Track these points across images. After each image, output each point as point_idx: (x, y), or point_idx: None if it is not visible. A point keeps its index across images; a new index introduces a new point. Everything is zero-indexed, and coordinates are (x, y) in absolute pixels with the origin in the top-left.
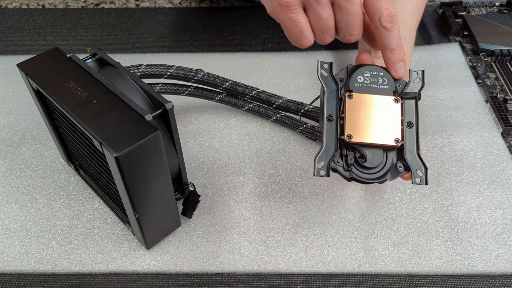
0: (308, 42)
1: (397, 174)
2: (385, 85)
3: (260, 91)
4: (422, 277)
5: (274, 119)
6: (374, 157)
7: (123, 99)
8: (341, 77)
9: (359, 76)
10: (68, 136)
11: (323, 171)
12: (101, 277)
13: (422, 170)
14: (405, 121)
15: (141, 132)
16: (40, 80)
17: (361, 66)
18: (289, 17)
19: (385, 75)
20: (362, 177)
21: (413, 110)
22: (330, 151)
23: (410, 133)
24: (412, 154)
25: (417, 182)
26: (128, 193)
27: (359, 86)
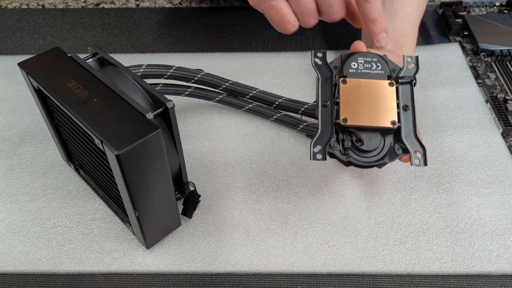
0: (293, 27)
1: (395, 156)
2: (379, 70)
3: (259, 91)
4: (422, 277)
5: (274, 119)
6: (371, 140)
7: (124, 98)
8: (335, 65)
9: (353, 63)
10: (68, 136)
11: (319, 155)
12: (101, 277)
13: (421, 151)
14: (401, 104)
15: (142, 130)
16: (41, 79)
17: (355, 53)
18: (270, 5)
19: (379, 61)
20: (360, 160)
21: (409, 93)
22: (326, 135)
23: (407, 116)
24: (410, 136)
25: (416, 163)
26: (129, 192)
27: (353, 72)
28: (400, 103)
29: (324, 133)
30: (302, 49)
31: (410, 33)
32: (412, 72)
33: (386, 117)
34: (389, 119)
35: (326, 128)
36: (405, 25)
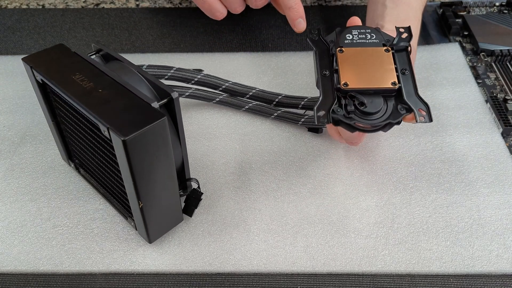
0: (221, 14)
1: (399, 116)
2: (374, 39)
3: (259, 90)
4: (422, 277)
5: (275, 116)
6: (373, 103)
7: (129, 88)
8: (331, 39)
9: (348, 34)
10: (70, 132)
11: (324, 118)
12: (101, 277)
13: (424, 108)
14: (399, 68)
15: (148, 117)
16: (46, 72)
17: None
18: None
19: (373, 32)
20: (366, 123)
21: (405, 59)
22: (328, 100)
23: (406, 78)
24: (411, 96)
25: (421, 120)
26: (134, 180)
27: (348, 43)
28: (398, 68)
29: (326, 98)
30: (302, 49)
31: (414, 18)
32: (406, 40)
33: (386, 78)
34: (390, 80)
35: (327, 94)
36: (409, 11)
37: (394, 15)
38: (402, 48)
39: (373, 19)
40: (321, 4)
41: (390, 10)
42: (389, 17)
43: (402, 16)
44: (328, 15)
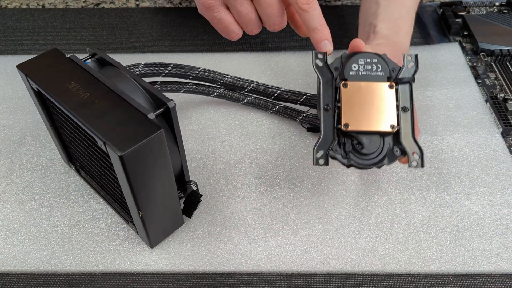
0: (236, 35)
1: (394, 158)
2: (380, 71)
3: (258, 83)
4: (422, 277)
5: (274, 111)
6: (371, 143)
7: (125, 98)
8: (336, 66)
9: (354, 64)
10: (69, 137)
11: (322, 160)
12: (101, 276)
13: (418, 153)
14: (400, 106)
15: (145, 131)
16: (41, 81)
17: (355, 54)
18: (213, 16)
19: (379, 62)
20: (360, 163)
21: (408, 94)
22: (328, 140)
23: (406, 117)
24: (408, 138)
25: (414, 165)
26: (133, 192)
27: (353, 75)
28: (400, 105)
29: (326, 138)
30: (302, 49)
31: (407, 16)
32: (411, 71)
33: (385, 120)
34: (389, 123)
35: (328, 133)
36: (402, 9)
37: (387, 14)
38: (406, 81)
39: (366, 17)
40: (321, 4)
41: (383, 8)
42: (382, 15)
43: (395, 15)
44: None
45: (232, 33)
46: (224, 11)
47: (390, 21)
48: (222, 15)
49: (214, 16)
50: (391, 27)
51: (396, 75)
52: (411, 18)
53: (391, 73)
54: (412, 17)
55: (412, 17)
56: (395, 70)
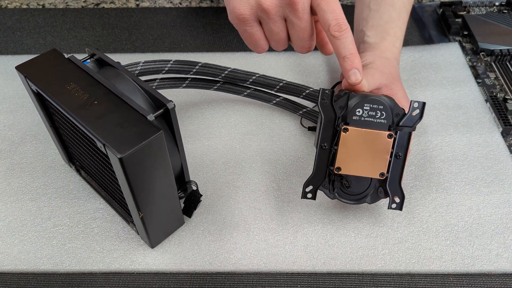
0: (262, 50)
1: (377, 199)
2: (383, 119)
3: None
4: (422, 276)
5: (275, 103)
6: (358, 185)
7: (124, 99)
8: (341, 105)
9: (358, 109)
10: (69, 138)
11: (310, 194)
12: (102, 276)
13: (400, 198)
14: (394, 152)
15: (144, 132)
16: (40, 82)
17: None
18: (245, 30)
19: (385, 109)
20: (345, 199)
21: (405, 142)
22: (319, 178)
23: (396, 164)
24: (393, 184)
25: (393, 207)
26: (133, 194)
27: (356, 120)
28: (394, 151)
29: (318, 175)
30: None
31: (397, 18)
32: (414, 119)
33: (377, 168)
34: (379, 171)
35: (320, 171)
36: (392, 11)
37: (376, 18)
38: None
39: (358, 22)
40: None
41: (373, 13)
42: (372, 21)
43: (385, 18)
44: None
45: (259, 47)
46: (256, 26)
47: (379, 26)
48: (254, 30)
49: (245, 29)
50: (379, 32)
51: (398, 121)
52: (402, 19)
53: (393, 119)
54: (403, 18)
55: (403, 18)
56: (399, 115)
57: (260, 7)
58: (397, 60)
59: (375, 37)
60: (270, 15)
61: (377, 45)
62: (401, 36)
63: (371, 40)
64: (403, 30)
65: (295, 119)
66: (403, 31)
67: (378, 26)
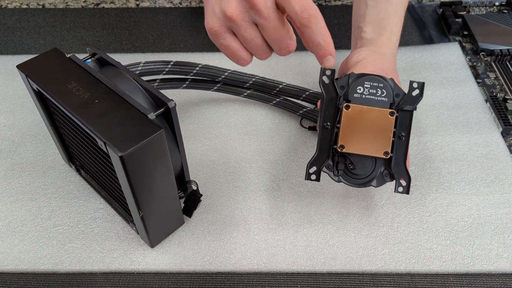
0: (245, 61)
1: (383, 182)
2: (383, 97)
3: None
4: (422, 276)
5: (275, 103)
6: (363, 166)
7: (125, 98)
8: (342, 84)
9: (359, 87)
10: (69, 137)
11: (314, 175)
12: (102, 276)
13: (406, 180)
14: (397, 132)
15: (145, 131)
16: (41, 81)
17: (362, 76)
18: (220, 43)
19: (385, 87)
20: (350, 182)
21: (407, 122)
22: (322, 157)
23: (400, 145)
24: (399, 165)
25: (399, 190)
26: (133, 192)
27: (357, 97)
28: (397, 131)
29: (321, 155)
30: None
31: (394, 15)
32: (415, 99)
33: (381, 147)
34: (383, 150)
35: (323, 151)
36: (388, 7)
37: (373, 15)
38: (408, 109)
39: (356, 18)
40: (321, 4)
41: (370, 9)
42: (369, 17)
43: (382, 15)
44: (328, 15)
45: (241, 59)
46: (230, 38)
47: (376, 22)
48: (228, 41)
49: (221, 43)
50: (376, 29)
51: (399, 102)
52: (398, 15)
53: (394, 99)
54: (400, 14)
55: (400, 14)
56: (399, 95)
57: (226, 17)
58: (394, 55)
59: (372, 33)
60: (237, 23)
61: (374, 40)
62: (397, 32)
63: (368, 36)
64: (400, 25)
65: (295, 119)
66: (400, 27)
67: (375, 22)
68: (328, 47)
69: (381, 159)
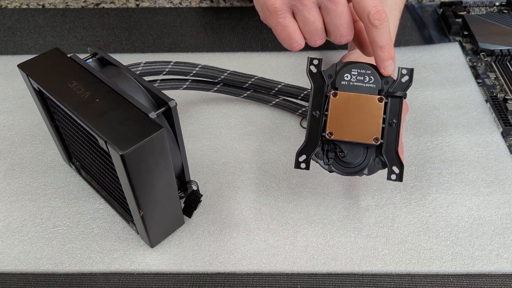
0: (298, 45)
1: (375, 169)
2: (371, 83)
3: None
4: (422, 277)
5: (274, 103)
6: (353, 153)
7: (126, 97)
8: (330, 73)
9: (346, 74)
10: (69, 136)
11: (303, 164)
12: (102, 276)
13: (399, 167)
14: (387, 119)
15: (146, 130)
16: (42, 80)
17: (349, 64)
18: (278, 22)
19: (372, 74)
20: (341, 170)
21: (397, 108)
22: (312, 146)
23: (391, 131)
24: (390, 152)
25: (392, 178)
26: (133, 192)
27: (345, 84)
28: (387, 118)
29: (310, 143)
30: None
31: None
32: (405, 85)
33: (370, 133)
34: (373, 136)
35: (312, 139)
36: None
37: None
38: (398, 95)
39: None
40: None
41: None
42: None
43: None
44: None
45: (295, 42)
46: (290, 18)
47: None
48: (287, 21)
49: (278, 22)
50: None
51: (388, 88)
52: (393, 16)
53: (383, 85)
54: (395, 15)
55: (395, 16)
56: (389, 82)
57: None
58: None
59: None
60: (303, 2)
61: None
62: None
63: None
64: (395, 26)
65: (295, 119)
66: (395, 28)
67: None
68: (391, 50)
69: (372, 147)
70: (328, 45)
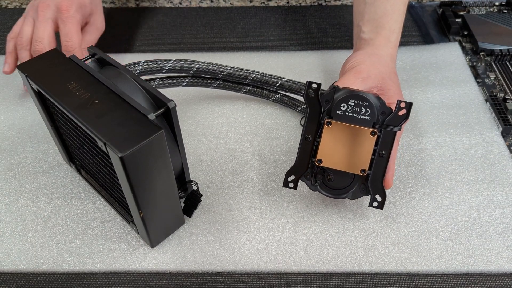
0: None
1: (359, 195)
2: (367, 116)
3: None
4: (422, 276)
5: (274, 99)
6: (340, 180)
7: (125, 98)
8: (327, 98)
9: (343, 104)
10: (69, 137)
11: (292, 184)
12: (102, 276)
13: (381, 196)
14: (378, 150)
15: (145, 131)
16: (41, 81)
17: (348, 93)
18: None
19: (369, 106)
20: (326, 193)
21: (389, 141)
22: (301, 168)
23: (380, 162)
24: (376, 182)
25: (374, 205)
26: (133, 193)
27: (340, 114)
28: (378, 149)
29: (300, 165)
30: (302, 48)
31: (392, 11)
32: (401, 120)
33: (358, 164)
34: (360, 167)
35: (302, 161)
36: (386, 4)
37: (372, 12)
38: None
39: (356, 16)
40: (321, 4)
41: (368, 7)
42: (367, 15)
43: (380, 12)
44: (328, 15)
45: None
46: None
47: (374, 20)
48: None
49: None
50: (374, 27)
51: (384, 120)
52: (397, 12)
53: (379, 117)
54: (399, 10)
55: (399, 10)
56: (385, 113)
57: None
58: (392, 56)
59: (370, 33)
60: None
61: (372, 41)
62: (397, 29)
63: (366, 36)
64: (399, 22)
65: (295, 119)
66: (400, 24)
67: (373, 20)
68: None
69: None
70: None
